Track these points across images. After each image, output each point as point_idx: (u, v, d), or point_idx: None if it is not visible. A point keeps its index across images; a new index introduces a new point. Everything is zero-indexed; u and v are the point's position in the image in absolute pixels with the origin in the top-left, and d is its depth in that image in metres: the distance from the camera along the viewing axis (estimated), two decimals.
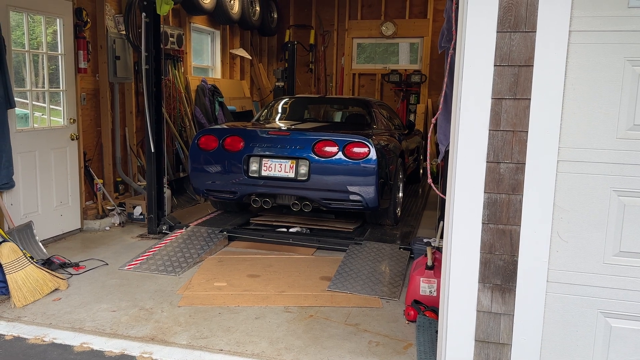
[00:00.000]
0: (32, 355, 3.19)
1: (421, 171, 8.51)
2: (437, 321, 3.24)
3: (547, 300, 2.56)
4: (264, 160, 5.29)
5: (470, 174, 2.57)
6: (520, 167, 2.51)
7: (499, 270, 2.60)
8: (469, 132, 2.55)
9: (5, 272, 3.94)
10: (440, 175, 5.53)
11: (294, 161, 5.21)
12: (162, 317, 3.74)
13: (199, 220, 5.96)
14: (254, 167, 5.31)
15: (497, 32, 2.45)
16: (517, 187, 2.53)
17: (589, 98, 2.43)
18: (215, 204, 6.35)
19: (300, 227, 5.73)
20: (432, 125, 3.10)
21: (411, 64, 10.58)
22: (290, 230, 5.67)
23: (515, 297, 2.59)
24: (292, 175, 5.21)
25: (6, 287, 3.94)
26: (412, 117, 10.04)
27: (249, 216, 6.16)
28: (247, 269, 4.72)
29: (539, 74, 2.43)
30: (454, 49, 2.79)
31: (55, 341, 3.36)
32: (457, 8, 2.70)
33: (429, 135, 3.08)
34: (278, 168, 5.25)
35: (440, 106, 3.27)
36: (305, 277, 4.56)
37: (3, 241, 4.06)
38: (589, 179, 2.46)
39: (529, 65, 2.44)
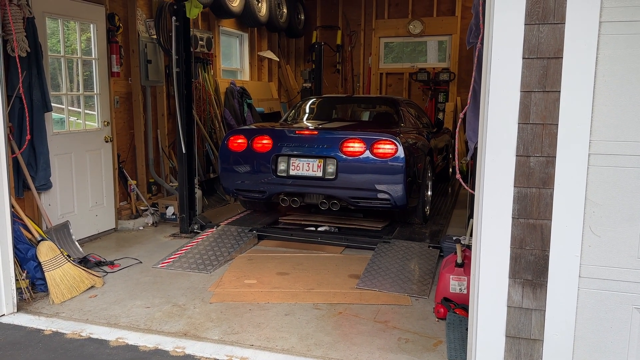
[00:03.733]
0: (70, 349, 3.30)
1: (450, 170, 8.44)
2: (468, 318, 3.22)
3: (579, 295, 2.52)
4: (292, 160, 5.33)
5: (499, 168, 2.55)
6: (550, 160, 2.48)
7: (530, 266, 2.57)
8: (497, 126, 2.53)
9: (44, 269, 4.08)
10: (470, 174, 5.48)
11: (322, 160, 5.24)
12: (194, 313, 3.81)
13: (229, 220, 6.05)
14: (282, 166, 5.36)
15: (525, 24, 2.43)
16: (547, 181, 2.50)
17: (621, 90, 2.39)
18: (245, 204, 6.43)
19: (329, 226, 5.76)
20: (460, 120, 3.08)
21: (439, 62, 10.50)
22: (319, 229, 5.70)
23: (546, 293, 2.56)
24: (319, 174, 5.23)
25: (45, 284, 4.08)
26: (440, 116, 9.96)
27: (277, 215, 6.21)
28: (276, 267, 4.77)
29: (568, 66, 2.40)
30: (482, 43, 2.78)
31: (92, 336, 3.46)
32: (484, 1, 2.68)
33: (456, 131, 3.07)
34: (306, 167, 5.28)
35: (469, 101, 3.24)
36: (333, 275, 4.58)
37: (41, 240, 4.20)
38: (622, 172, 2.42)
39: (558, 57, 2.41)
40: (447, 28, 10.18)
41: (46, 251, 4.13)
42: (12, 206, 3.89)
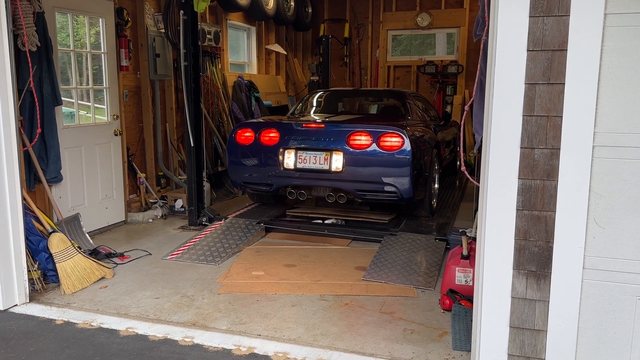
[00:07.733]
0: (81, 338, 3.36)
1: (458, 163, 8.43)
2: (473, 310, 3.24)
3: (583, 286, 2.53)
4: (299, 153, 5.36)
5: (504, 160, 2.57)
6: (555, 152, 2.49)
7: (534, 257, 2.59)
8: (502, 118, 2.54)
9: (55, 261, 4.15)
10: (477, 167, 5.48)
11: (329, 153, 5.26)
12: (202, 304, 3.87)
13: (237, 213, 6.10)
14: (289, 159, 5.39)
15: (529, 16, 2.44)
16: (552, 173, 2.51)
17: (626, 82, 2.39)
18: (252, 197, 6.47)
19: (336, 218, 5.79)
20: (465, 112, 3.09)
21: (448, 54, 10.46)
22: (326, 221, 5.73)
23: (550, 284, 2.57)
24: (326, 167, 5.26)
25: (56, 275, 4.15)
26: (448, 109, 9.93)
27: (285, 208, 6.26)
28: (283, 259, 4.81)
29: (573, 58, 2.41)
30: (488, 35, 2.78)
31: (102, 326, 3.53)
32: None
33: (461, 122, 3.08)
34: (313, 160, 5.31)
35: (474, 93, 3.25)
36: (340, 267, 4.62)
37: (52, 232, 4.27)
38: (626, 164, 2.42)
39: (562, 49, 2.42)
40: (456, 20, 10.13)
41: (57, 243, 4.19)
42: (23, 198, 3.96)
